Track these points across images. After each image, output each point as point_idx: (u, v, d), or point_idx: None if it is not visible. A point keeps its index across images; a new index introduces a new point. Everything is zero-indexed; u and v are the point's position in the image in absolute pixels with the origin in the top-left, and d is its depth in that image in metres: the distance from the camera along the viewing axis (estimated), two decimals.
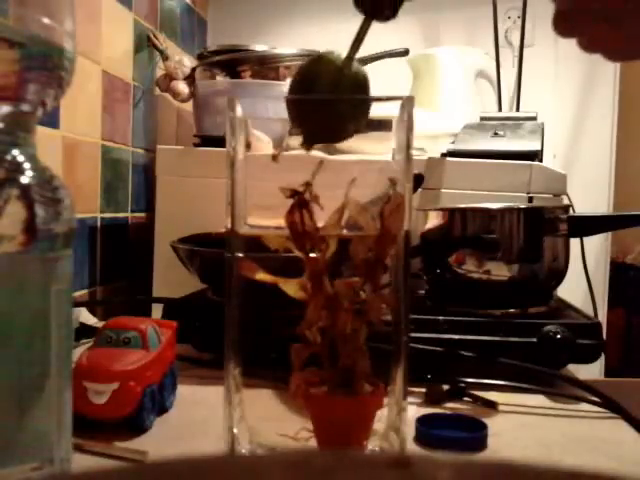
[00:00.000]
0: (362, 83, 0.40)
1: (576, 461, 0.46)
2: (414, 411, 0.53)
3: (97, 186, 0.99)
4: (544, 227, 0.73)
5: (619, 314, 2.62)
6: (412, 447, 0.47)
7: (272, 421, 0.40)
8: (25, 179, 0.33)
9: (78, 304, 0.84)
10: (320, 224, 0.38)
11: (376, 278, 0.39)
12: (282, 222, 0.37)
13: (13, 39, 0.32)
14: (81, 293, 0.95)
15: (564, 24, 0.44)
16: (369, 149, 0.40)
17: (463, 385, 0.59)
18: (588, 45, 0.45)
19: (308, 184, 0.37)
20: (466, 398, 0.58)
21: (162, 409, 0.52)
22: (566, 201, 1.00)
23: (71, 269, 0.36)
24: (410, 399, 0.52)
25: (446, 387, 0.59)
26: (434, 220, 0.76)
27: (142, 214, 1.15)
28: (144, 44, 1.14)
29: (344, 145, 0.40)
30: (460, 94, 1.28)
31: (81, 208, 0.94)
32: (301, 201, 0.37)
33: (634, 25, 0.41)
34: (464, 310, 0.69)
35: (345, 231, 0.38)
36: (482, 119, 1.08)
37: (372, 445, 0.40)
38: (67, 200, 0.35)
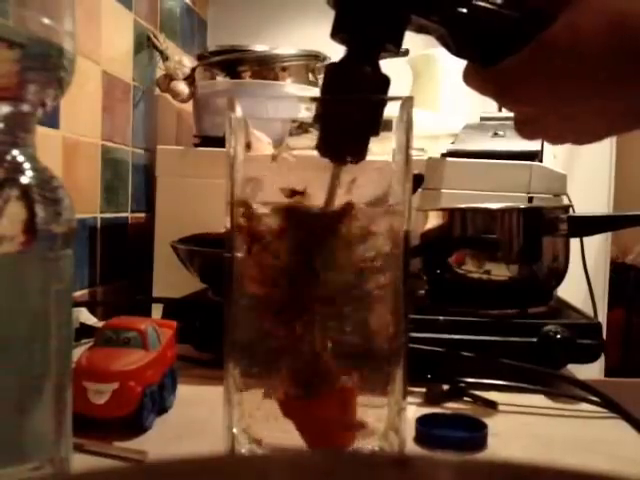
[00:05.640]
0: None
1: (576, 461, 0.46)
2: (414, 411, 0.53)
3: (97, 186, 0.99)
4: (544, 227, 0.73)
5: (619, 314, 2.62)
6: (412, 447, 0.47)
7: (272, 421, 0.40)
8: (25, 179, 0.33)
9: (78, 304, 0.84)
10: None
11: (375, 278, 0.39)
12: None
13: (13, 39, 0.32)
14: (81, 293, 0.94)
15: (527, 132, 0.46)
16: (369, 149, 0.40)
17: (463, 385, 0.59)
18: (554, 141, 0.47)
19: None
20: (466, 398, 0.58)
21: (162, 409, 0.52)
22: (566, 201, 1.00)
23: (71, 269, 0.36)
24: (410, 399, 0.52)
25: (446, 387, 0.59)
26: (434, 220, 0.76)
27: (142, 214, 1.15)
28: (144, 44, 1.14)
29: None
30: (460, 94, 1.27)
31: (81, 208, 0.94)
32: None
33: (588, 118, 0.42)
34: (464, 310, 0.69)
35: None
36: (482, 119, 1.07)
37: (372, 445, 0.40)
38: (67, 200, 0.35)
